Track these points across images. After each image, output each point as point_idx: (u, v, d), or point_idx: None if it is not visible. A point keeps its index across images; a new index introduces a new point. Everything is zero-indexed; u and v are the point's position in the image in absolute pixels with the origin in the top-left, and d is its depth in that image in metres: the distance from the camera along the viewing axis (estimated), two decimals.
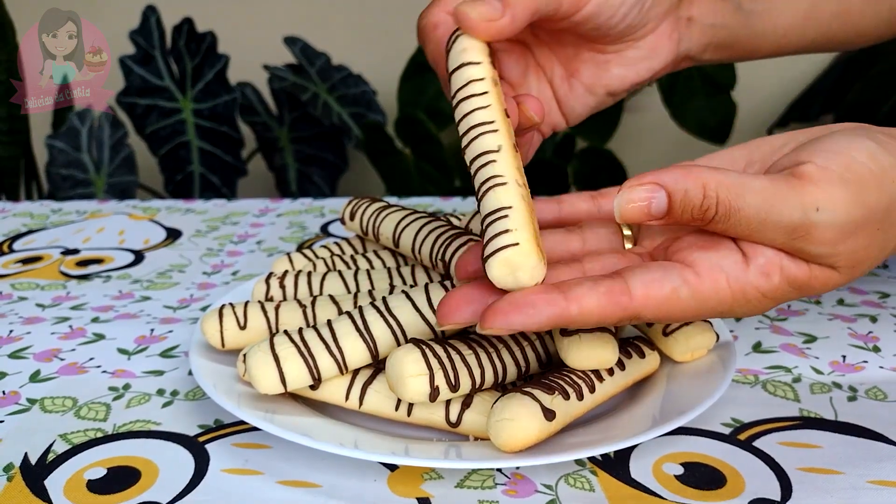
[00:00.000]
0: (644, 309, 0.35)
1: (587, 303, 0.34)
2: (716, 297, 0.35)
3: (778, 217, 0.34)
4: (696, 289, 0.35)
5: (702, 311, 0.36)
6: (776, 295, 0.36)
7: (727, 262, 0.36)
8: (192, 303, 0.64)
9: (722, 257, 0.36)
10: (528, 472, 0.41)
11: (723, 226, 0.34)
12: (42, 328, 0.60)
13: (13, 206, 0.94)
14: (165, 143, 1.75)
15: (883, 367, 0.52)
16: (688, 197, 0.34)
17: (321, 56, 1.83)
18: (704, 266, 0.35)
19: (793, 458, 0.42)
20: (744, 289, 0.36)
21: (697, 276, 0.35)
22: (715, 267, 0.35)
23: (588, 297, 0.34)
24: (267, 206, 0.92)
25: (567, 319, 0.34)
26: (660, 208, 0.34)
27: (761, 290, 0.36)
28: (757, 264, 0.35)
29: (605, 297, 0.34)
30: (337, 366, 0.42)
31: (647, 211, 0.34)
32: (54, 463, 0.42)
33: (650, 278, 0.35)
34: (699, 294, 0.35)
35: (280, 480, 0.41)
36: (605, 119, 1.78)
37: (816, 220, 0.34)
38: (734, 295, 0.36)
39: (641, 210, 0.34)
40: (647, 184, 0.34)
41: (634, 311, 0.35)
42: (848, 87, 1.74)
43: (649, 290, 0.35)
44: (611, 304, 0.34)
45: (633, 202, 0.34)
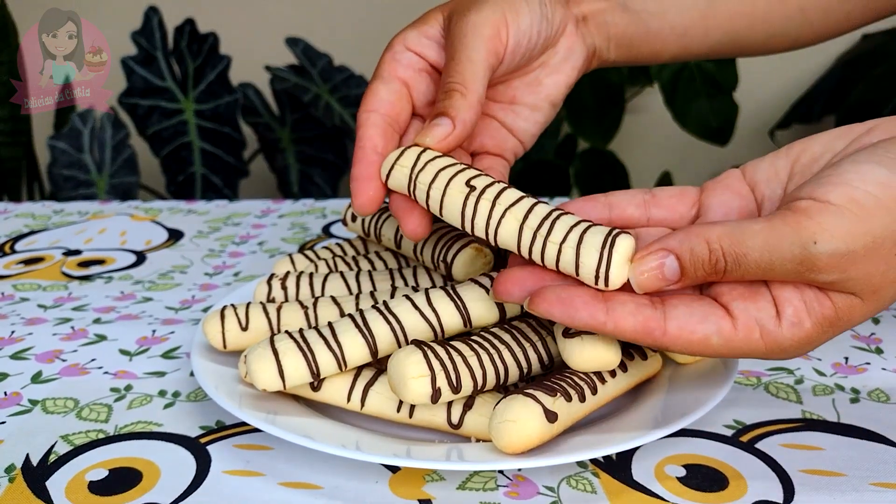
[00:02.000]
0: (673, 345, 0.37)
1: (623, 325, 0.36)
2: (747, 347, 0.36)
3: (780, 255, 0.34)
4: (728, 339, 0.36)
5: (731, 356, 0.37)
6: (811, 339, 0.36)
7: (763, 314, 0.36)
8: (193, 304, 0.64)
9: (759, 310, 0.36)
10: (529, 473, 0.41)
11: (738, 274, 0.35)
12: (44, 329, 0.60)
13: (15, 207, 0.94)
14: (167, 143, 1.75)
15: (885, 368, 0.52)
16: (695, 254, 0.36)
17: (323, 57, 1.83)
18: (741, 318, 0.36)
19: (795, 460, 0.42)
20: (777, 341, 0.36)
21: (733, 328, 0.36)
22: (751, 320, 0.36)
23: (626, 320, 0.36)
24: (269, 207, 0.92)
25: (599, 331, 0.37)
26: (673, 271, 0.36)
27: (795, 339, 0.36)
28: (786, 317, 0.36)
29: (641, 326, 0.36)
30: (336, 362, 0.42)
31: (662, 275, 0.36)
32: (56, 464, 0.42)
33: (687, 321, 0.36)
34: (731, 344, 0.36)
35: (281, 482, 0.41)
36: (607, 120, 1.78)
37: (816, 251, 0.34)
38: (768, 346, 0.36)
39: (656, 276, 0.36)
40: (655, 251, 0.36)
41: (663, 345, 0.37)
42: (850, 88, 1.74)
43: (683, 332, 0.36)
44: (644, 332, 0.36)
45: (647, 271, 0.36)
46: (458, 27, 0.46)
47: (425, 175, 0.43)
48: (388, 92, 0.48)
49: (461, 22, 0.47)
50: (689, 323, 0.36)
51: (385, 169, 0.45)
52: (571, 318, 0.37)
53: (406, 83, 0.48)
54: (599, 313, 0.37)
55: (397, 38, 0.49)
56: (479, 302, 0.44)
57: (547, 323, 0.44)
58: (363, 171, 0.46)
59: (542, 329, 0.44)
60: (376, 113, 0.47)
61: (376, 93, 0.47)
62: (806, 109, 1.85)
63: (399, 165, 0.44)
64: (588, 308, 0.37)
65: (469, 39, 0.46)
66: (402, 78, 0.48)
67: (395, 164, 0.45)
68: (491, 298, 0.44)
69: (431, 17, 0.49)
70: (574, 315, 0.37)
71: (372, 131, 0.46)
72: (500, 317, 0.44)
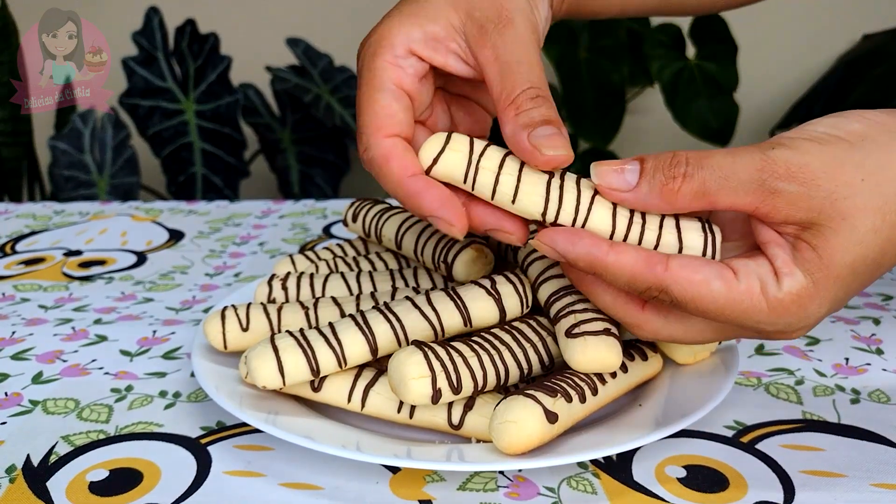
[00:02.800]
0: (674, 284, 0.36)
1: (625, 257, 0.37)
2: (749, 302, 0.36)
3: (741, 159, 0.35)
4: (730, 286, 0.36)
5: (729, 312, 0.36)
6: (810, 295, 0.36)
7: (762, 270, 0.36)
8: (194, 304, 0.64)
9: (758, 265, 0.36)
10: (530, 474, 0.41)
11: (699, 178, 0.36)
12: (44, 330, 0.60)
13: (16, 208, 0.94)
14: (168, 144, 1.76)
15: (886, 369, 0.52)
16: (658, 157, 0.37)
17: (323, 57, 1.83)
18: (742, 270, 0.36)
19: (795, 461, 0.42)
20: (779, 299, 0.36)
21: (735, 277, 0.36)
22: (752, 274, 0.36)
23: (628, 252, 0.37)
24: (269, 208, 0.92)
25: (601, 264, 0.37)
26: (633, 171, 0.37)
27: (794, 293, 0.36)
28: (779, 268, 0.36)
29: (643, 260, 0.36)
30: (336, 359, 0.42)
31: (621, 171, 0.37)
32: (56, 465, 0.42)
33: (690, 262, 0.37)
34: (733, 293, 0.36)
35: (282, 482, 0.41)
36: (608, 121, 1.78)
37: (773, 155, 0.35)
38: (770, 305, 0.36)
39: (614, 171, 0.37)
40: (626, 159, 0.37)
41: (663, 283, 0.36)
42: (850, 88, 1.74)
43: (685, 270, 0.36)
44: (646, 266, 0.36)
45: (608, 166, 0.37)
46: (508, 37, 0.41)
47: (489, 161, 0.39)
48: (402, 110, 0.42)
49: (508, 31, 0.41)
50: (691, 263, 0.36)
51: (430, 154, 0.40)
52: (573, 247, 0.37)
53: (411, 96, 0.43)
54: (603, 244, 0.37)
55: (398, 36, 0.42)
56: (479, 301, 0.44)
57: (548, 323, 0.44)
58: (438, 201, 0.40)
59: (543, 330, 0.44)
60: (400, 140, 0.41)
61: (392, 114, 0.41)
62: (806, 110, 1.85)
63: (451, 150, 0.39)
64: (592, 239, 0.37)
65: (528, 47, 0.41)
66: (408, 90, 0.42)
67: (447, 147, 0.39)
68: (491, 298, 0.44)
69: (438, 13, 0.42)
70: (577, 243, 0.37)
71: (408, 160, 0.40)
72: (501, 317, 0.44)
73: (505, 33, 0.41)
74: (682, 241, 0.38)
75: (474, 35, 0.42)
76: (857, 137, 0.37)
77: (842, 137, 0.37)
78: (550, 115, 0.39)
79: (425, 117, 0.46)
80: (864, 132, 0.37)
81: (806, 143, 0.36)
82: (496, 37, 0.41)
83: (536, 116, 0.39)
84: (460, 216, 0.39)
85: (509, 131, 0.39)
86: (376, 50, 0.42)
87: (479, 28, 0.42)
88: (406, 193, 0.40)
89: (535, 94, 0.39)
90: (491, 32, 0.41)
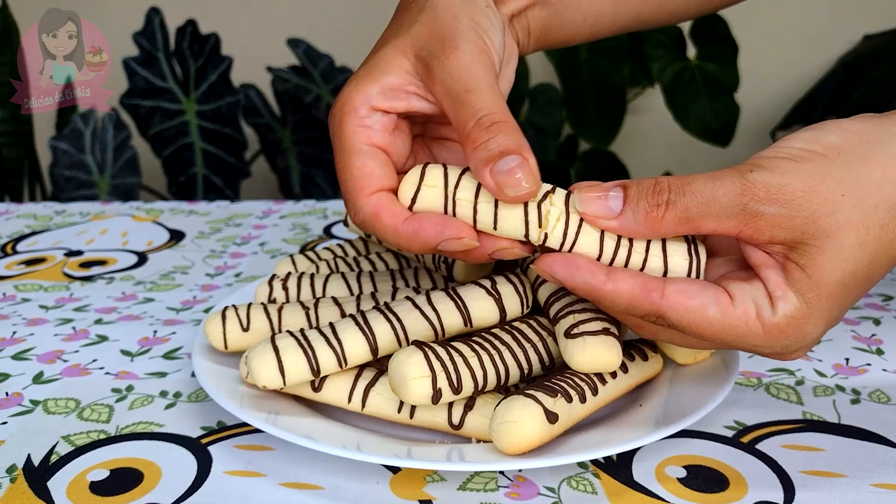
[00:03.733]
0: (669, 311, 0.37)
1: (622, 286, 0.37)
2: (745, 327, 0.36)
3: (722, 184, 0.36)
4: (725, 311, 0.36)
5: (725, 335, 0.37)
6: (804, 315, 0.36)
7: (758, 294, 0.37)
8: (195, 304, 0.64)
9: (754, 289, 0.37)
10: (530, 474, 0.41)
11: (681, 205, 0.36)
12: (45, 330, 0.60)
13: (17, 208, 0.94)
14: (169, 144, 1.76)
15: (886, 369, 0.52)
16: (641, 185, 0.37)
17: (324, 58, 1.83)
18: (738, 295, 0.37)
19: (796, 461, 0.42)
20: (773, 322, 0.36)
21: (730, 303, 0.37)
22: (747, 298, 0.36)
23: (625, 281, 0.37)
24: (270, 208, 0.92)
25: (599, 293, 0.37)
26: (616, 198, 0.37)
27: (788, 315, 0.36)
28: (772, 291, 0.36)
29: (640, 288, 0.37)
30: (337, 359, 0.42)
31: (605, 198, 0.37)
32: (57, 464, 0.42)
33: (686, 288, 0.37)
34: (728, 318, 0.36)
35: (282, 482, 0.41)
36: (609, 121, 1.78)
37: (752, 178, 0.36)
38: (766, 329, 0.36)
39: (598, 199, 0.37)
40: (608, 184, 0.38)
41: (660, 310, 0.37)
42: (851, 89, 1.74)
43: (681, 296, 0.37)
44: (642, 293, 0.37)
45: (592, 194, 0.37)
46: (452, 67, 0.41)
47: (464, 192, 0.39)
48: (379, 166, 0.41)
49: (451, 62, 0.41)
50: (688, 290, 0.37)
51: (408, 195, 0.40)
52: (572, 276, 0.37)
53: (386, 150, 0.42)
54: (600, 273, 0.37)
55: (357, 98, 0.42)
56: (479, 301, 0.44)
57: (548, 323, 0.44)
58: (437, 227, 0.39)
59: (543, 330, 0.44)
60: (385, 193, 0.41)
61: (370, 172, 0.41)
62: (807, 110, 1.85)
63: (427, 186, 0.40)
64: (589, 267, 0.37)
65: (476, 71, 0.41)
66: (381, 146, 0.42)
67: (422, 185, 0.40)
68: (492, 298, 0.44)
69: (389, 65, 0.43)
70: (574, 273, 0.37)
71: (397, 208, 0.41)
72: (501, 317, 0.44)
73: (448, 64, 0.41)
74: (668, 265, 0.38)
75: (424, 75, 0.42)
76: (835, 151, 0.36)
77: (819, 153, 0.36)
78: (509, 144, 0.38)
79: (409, 167, 0.45)
80: (840, 145, 0.37)
81: (784, 163, 0.36)
82: (440, 70, 0.41)
83: (494, 149, 0.38)
84: (463, 227, 0.39)
85: (472, 167, 0.39)
86: (341, 117, 0.42)
87: (426, 66, 0.41)
88: (406, 238, 0.40)
89: (490, 122, 0.38)
90: (436, 67, 0.41)
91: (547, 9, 0.54)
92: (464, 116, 0.39)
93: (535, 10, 0.54)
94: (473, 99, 0.39)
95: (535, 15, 0.54)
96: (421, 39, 0.42)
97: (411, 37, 0.43)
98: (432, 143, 0.48)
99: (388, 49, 0.43)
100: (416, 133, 0.47)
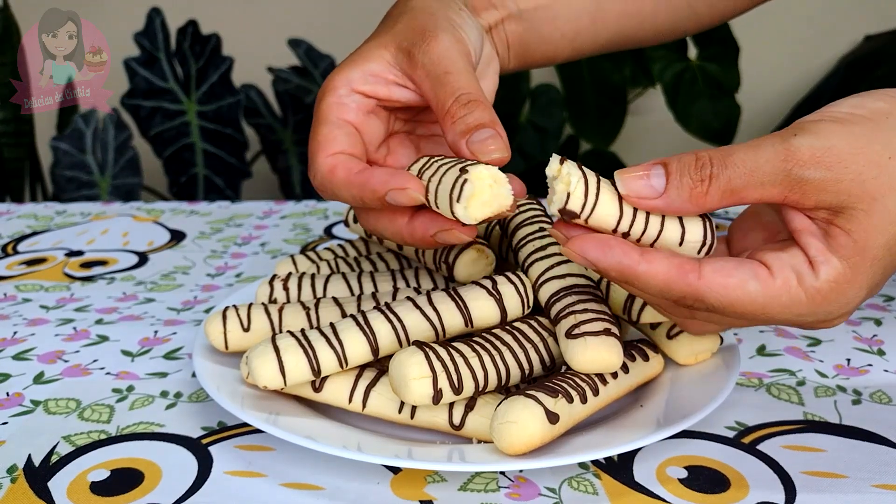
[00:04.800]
0: (709, 292, 0.36)
1: (657, 266, 0.36)
2: (787, 296, 0.36)
3: (764, 151, 0.35)
4: (766, 284, 0.36)
5: (770, 309, 0.36)
6: (848, 279, 0.35)
7: (797, 261, 0.36)
8: (195, 305, 0.64)
9: (792, 257, 0.36)
10: (531, 475, 0.41)
11: (725, 178, 0.35)
12: (46, 330, 0.60)
13: (18, 208, 0.94)
14: (170, 145, 1.76)
15: (888, 370, 0.52)
16: (682, 161, 0.36)
17: (325, 58, 1.83)
18: (776, 265, 0.36)
19: (797, 462, 0.42)
20: (816, 287, 0.35)
21: (770, 275, 0.36)
22: (786, 267, 0.36)
23: (660, 261, 0.36)
24: (271, 209, 0.92)
25: (632, 274, 0.36)
26: (658, 176, 0.36)
27: (831, 280, 0.35)
28: (813, 257, 0.36)
29: (676, 269, 0.36)
30: (337, 359, 0.42)
31: (647, 177, 0.36)
32: (58, 465, 0.42)
33: (723, 266, 0.36)
34: (770, 291, 0.36)
35: (283, 483, 0.41)
36: (609, 122, 1.78)
37: (796, 143, 0.35)
38: (809, 295, 0.36)
39: (640, 178, 0.36)
40: (647, 163, 0.37)
41: (698, 292, 0.36)
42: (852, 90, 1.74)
43: (718, 274, 0.36)
44: (679, 275, 0.36)
45: (633, 174, 0.36)
46: (433, 53, 0.44)
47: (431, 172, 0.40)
48: (345, 135, 0.44)
49: (432, 48, 0.44)
50: (725, 267, 0.36)
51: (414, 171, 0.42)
52: (605, 255, 0.36)
53: (357, 127, 0.45)
54: (634, 253, 0.36)
55: (338, 80, 0.45)
56: (480, 301, 0.44)
57: (549, 324, 0.44)
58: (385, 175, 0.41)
59: (544, 330, 0.44)
60: (343, 154, 0.43)
61: (334, 138, 0.44)
62: (808, 111, 1.82)
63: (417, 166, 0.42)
64: (623, 247, 0.36)
65: (454, 56, 0.44)
66: (353, 122, 0.45)
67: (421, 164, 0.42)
68: (492, 298, 0.44)
69: (372, 53, 0.46)
70: (608, 252, 0.36)
71: (352, 163, 0.43)
72: (502, 317, 0.44)
73: (430, 50, 0.44)
74: (685, 236, 0.37)
75: (406, 62, 0.45)
76: (882, 115, 0.36)
77: (866, 117, 0.36)
78: (484, 118, 0.41)
79: (380, 158, 0.48)
80: (888, 110, 0.36)
81: (829, 126, 0.36)
82: (422, 56, 0.44)
83: (471, 122, 0.41)
84: (410, 179, 0.40)
85: (450, 139, 0.41)
86: (322, 96, 0.45)
87: (408, 54, 0.44)
88: (357, 188, 0.42)
89: (467, 99, 0.41)
90: (417, 54, 0.44)
91: (522, 24, 0.55)
92: (443, 95, 0.42)
93: (511, 25, 0.55)
94: (453, 80, 0.42)
95: (511, 29, 0.55)
96: (402, 34, 0.45)
97: (393, 34, 0.46)
98: (419, 140, 0.50)
99: (370, 43, 0.47)
100: (404, 129, 0.49)
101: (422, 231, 0.42)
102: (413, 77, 0.44)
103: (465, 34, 0.46)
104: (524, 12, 0.55)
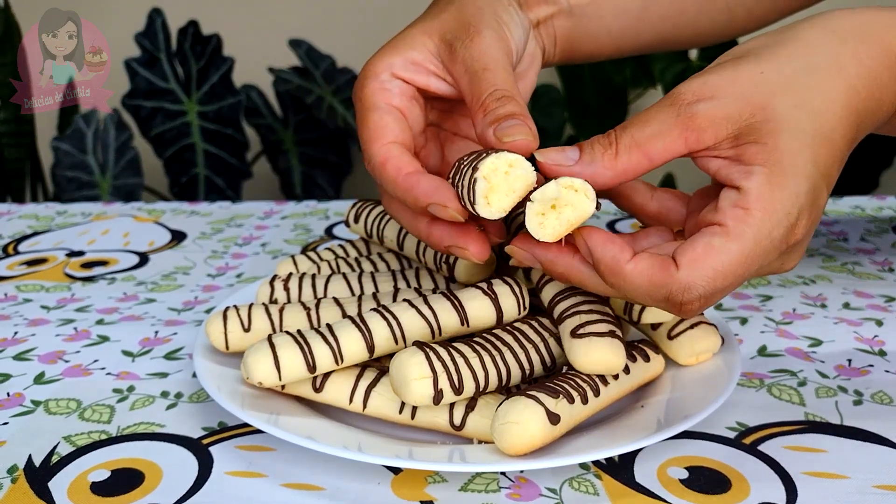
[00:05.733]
0: (690, 276, 0.36)
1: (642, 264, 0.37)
2: (745, 226, 0.36)
3: (655, 104, 0.38)
4: (724, 232, 0.36)
5: (749, 252, 0.36)
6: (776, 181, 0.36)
7: (730, 196, 0.37)
8: (196, 305, 0.64)
9: (725, 198, 0.37)
10: (532, 475, 0.41)
11: (627, 135, 0.38)
12: (47, 330, 0.60)
13: (19, 208, 0.94)
14: (170, 145, 1.76)
15: (889, 370, 0.52)
16: (592, 138, 0.39)
17: (326, 59, 1.83)
18: (720, 215, 0.37)
19: (798, 463, 0.42)
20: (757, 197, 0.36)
21: (720, 225, 0.36)
22: (726, 208, 0.37)
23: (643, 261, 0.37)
24: (271, 209, 0.92)
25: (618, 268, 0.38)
26: (574, 149, 0.39)
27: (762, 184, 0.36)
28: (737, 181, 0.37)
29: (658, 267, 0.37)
30: (333, 356, 0.42)
31: (564, 151, 0.39)
32: (58, 465, 0.42)
33: (685, 248, 0.37)
34: (731, 234, 0.36)
35: (284, 483, 0.41)
36: (610, 122, 1.78)
37: (679, 87, 0.38)
38: (760, 211, 0.36)
39: (556, 149, 0.39)
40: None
41: (682, 283, 0.36)
42: None
43: (686, 254, 0.37)
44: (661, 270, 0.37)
45: (551, 149, 0.39)
46: (474, 48, 0.44)
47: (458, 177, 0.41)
48: (395, 122, 0.45)
49: (475, 43, 0.45)
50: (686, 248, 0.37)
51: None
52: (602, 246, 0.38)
53: (402, 112, 0.46)
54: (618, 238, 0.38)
55: (380, 65, 0.46)
56: (475, 300, 0.44)
57: (549, 324, 0.44)
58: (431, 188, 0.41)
59: (545, 331, 0.44)
60: (396, 144, 0.44)
61: (385, 125, 0.44)
62: None
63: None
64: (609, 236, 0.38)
65: (495, 54, 0.45)
66: (398, 107, 0.46)
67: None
68: (488, 297, 0.44)
69: (414, 41, 0.46)
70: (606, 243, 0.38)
71: (403, 161, 0.43)
72: (498, 317, 0.44)
73: (472, 46, 0.45)
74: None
75: (447, 54, 0.46)
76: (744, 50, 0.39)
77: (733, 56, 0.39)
78: (515, 110, 0.41)
79: (419, 146, 0.48)
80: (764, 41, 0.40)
81: (704, 71, 0.39)
82: (464, 51, 0.45)
83: (502, 113, 0.41)
84: (454, 198, 0.41)
85: (479, 130, 0.42)
86: (363, 82, 0.46)
87: (449, 47, 0.45)
88: (402, 190, 0.42)
89: (501, 94, 0.42)
90: (459, 48, 0.45)
91: (572, 19, 0.56)
92: (479, 90, 0.43)
93: (560, 20, 0.56)
94: (490, 76, 0.43)
95: (560, 24, 0.56)
96: (447, 25, 0.46)
97: (439, 22, 0.47)
98: (445, 138, 0.51)
99: (414, 29, 0.47)
100: (435, 122, 0.50)
101: (437, 238, 0.43)
102: (451, 70, 0.45)
103: (510, 32, 0.47)
104: (574, 8, 0.56)
